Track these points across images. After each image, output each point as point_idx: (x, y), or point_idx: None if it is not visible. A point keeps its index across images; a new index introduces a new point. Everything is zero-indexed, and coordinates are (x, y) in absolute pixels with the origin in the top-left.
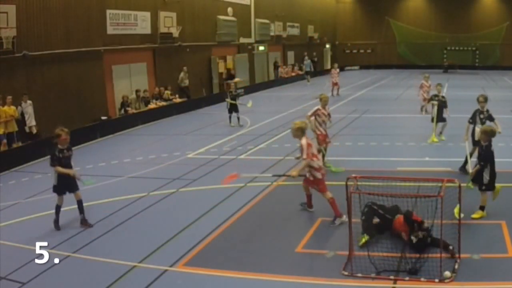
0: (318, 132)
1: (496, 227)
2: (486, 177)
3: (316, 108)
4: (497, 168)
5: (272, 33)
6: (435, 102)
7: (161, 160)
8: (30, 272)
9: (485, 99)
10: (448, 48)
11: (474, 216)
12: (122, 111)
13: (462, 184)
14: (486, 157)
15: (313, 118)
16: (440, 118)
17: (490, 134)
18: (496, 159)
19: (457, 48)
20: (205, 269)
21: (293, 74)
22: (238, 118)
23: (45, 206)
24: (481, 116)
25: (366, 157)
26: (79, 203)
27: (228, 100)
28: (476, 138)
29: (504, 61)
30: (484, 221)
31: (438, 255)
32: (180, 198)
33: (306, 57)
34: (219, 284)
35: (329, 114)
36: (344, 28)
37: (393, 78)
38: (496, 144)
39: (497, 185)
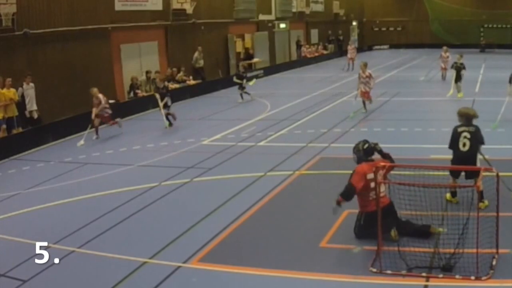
0: (359, 90)
1: None
2: None
3: (358, 72)
4: None
5: (294, 10)
6: (454, 70)
7: (173, 148)
8: (32, 269)
9: None
10: (485, 25)
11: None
12: (131, 94)
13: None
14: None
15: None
16: (458, 79)
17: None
18: None
19: (495, 25)
20: (221, 266)
21: (317, 54)
22: (241, 95)
23: (47, 197)
24: None
25: (396, 143)
26: None
27: (236, 80)
28: None
29: None
30: None
31: (474, 250)
32: (195, 189)
33: (353, 34)
34: (237, 282)
35: (368, 76)
36: (372, 4)
37: (426, 58)
38: None
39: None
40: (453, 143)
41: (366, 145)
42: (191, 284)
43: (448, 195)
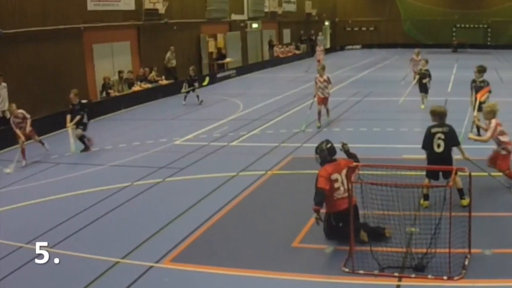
0: (317, 96)
1: (509, 219)
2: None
3: (315, 77)
4: None
5: (266, 9)
6: (417, 76)
7: (146, 147)
8: (3, 269)
9: (479, 70)
10: (458, 25)
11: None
12: (104, 94)
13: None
14: None
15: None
16: (421, 89)
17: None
18: None
19: (467, 25)
20: (193, 266)
21: (290, 54)
22: (185, 97)
23: (19, 197)
24: (473, 84)
25: (369, 143)
26: None
27: (184, 89)
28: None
29: None
30: (496, 213)
31: (447, 250)
32: (167, 189)
33: (320, 33)
34: (209, 282)
35: (325, 81)
36: (345, 4)
37: (398, 58)
38: (509, 130)
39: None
40: (427, 144)
41: (329, 145)
42: (163, 284)
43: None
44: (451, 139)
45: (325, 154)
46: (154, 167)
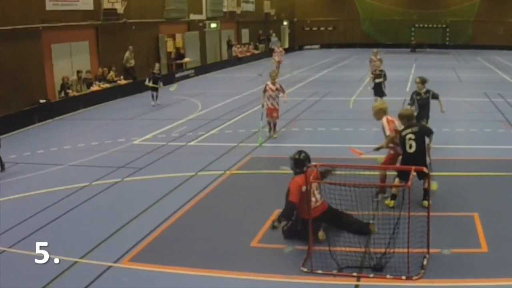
0: (266, 106)
1: (468, 219)
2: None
3: (265, 84)
4: (467, 155)
5: (225, 9)
6: (372, 76)
7: (104, 147)
8: None
9: (422, 81)
10: (416, 25)
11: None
12: (62, 94)
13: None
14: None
15: (265, 93)
16: (376, 92)
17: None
18: (467, 146)
19: (425, 25)
20: (152, 265)
21: (248, 53)
22: (153, 96)
23: None
24: (418, 98)
25: (327, 143)
26: None
27: (149, 84)
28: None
29: (476, 39)
30: (455, 213)
31: (405, 250)
32: (125, 188)
33: (274, 34)
34: (168, 281)
35: (278, 89)
36: (304, 4)
37: (357, 58)
38: (468, 129)
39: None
40: (401, 146)
41: (303, 155)
42: (122, 283)
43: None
44: (422, 135)
45: (292, 164)
46: (113, 167)
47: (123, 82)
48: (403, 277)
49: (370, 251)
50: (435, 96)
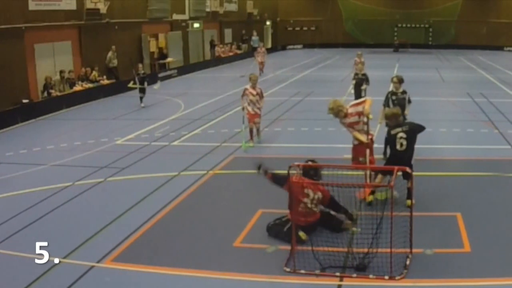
0: (246, 112)
1: (451, 219)
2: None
3: (244, 88)
4: (450, 155)
5: (208, 9)
6: (353, 81)
7: (87, 147)
8: None
9: (400, 80)
10: (399, 25)
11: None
12: (45, 94)
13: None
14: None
15: (244, 98)
16: (356, 97)
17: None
18: (448, 146)
19: (408, 25)
20: (135, 265)
21: (231, 53)
22: (141, 98)
23: None
24: (393, 97)
25: (310, 143)
26: None
27: (131, 85)
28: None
29: (459, 39)
30: (438, 213)
31: (388, 250)
32: (108, 188)
33: (255, 33)
34: (150, 281)
35: (258, 94)
36: (286, 4)
37: (339, 58)
38: (451, 129)
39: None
40: (390, 144)
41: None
42: (105, 283)
43: (379, 194)
44: (414, 133)
45: (305, 170)
46: (96, 167)
47: (106, 82)
48: (386, 277)
49: (353, 251)
50: (409, 101)
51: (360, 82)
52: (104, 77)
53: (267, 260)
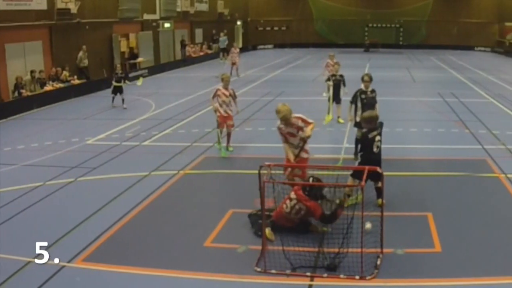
0: (218, 114)
1: (422, 219)
2: (356, 163)
3: (216, 88)
4: (420, 155)
5: (178, 9)
6: (330, 83)
7: (58, 147)
8: None
9: (371, 78)
10: (370, 25)
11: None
12: (16, 94)
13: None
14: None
15: (215, 99)
16: (336, 99)
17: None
18: (419, 146)
19: (379, 25)
20: (105, 265)
21: (202, 53)
22: (123, 100)
23: None
24: (363, 96)
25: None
26: None
27: (115, 83)
28: (357, 120)
29: (430, 39)
30: (409, 213)
31: (359, 250)
32: (79, 188)
33: (222, 33)
34: (121, 281)
35: (231, 95)
36: (257, 4)
37: (310, 58)
38: (422, 129)
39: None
40: (366, 148)
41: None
42: (75, 283)
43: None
44: (381, 134)
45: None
46: (66, 166)
47: (76, 82)
48: (357, 277)
49: (324, 251)
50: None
51: (339, 84)
52: (75, 77)
53: (238, 260)
